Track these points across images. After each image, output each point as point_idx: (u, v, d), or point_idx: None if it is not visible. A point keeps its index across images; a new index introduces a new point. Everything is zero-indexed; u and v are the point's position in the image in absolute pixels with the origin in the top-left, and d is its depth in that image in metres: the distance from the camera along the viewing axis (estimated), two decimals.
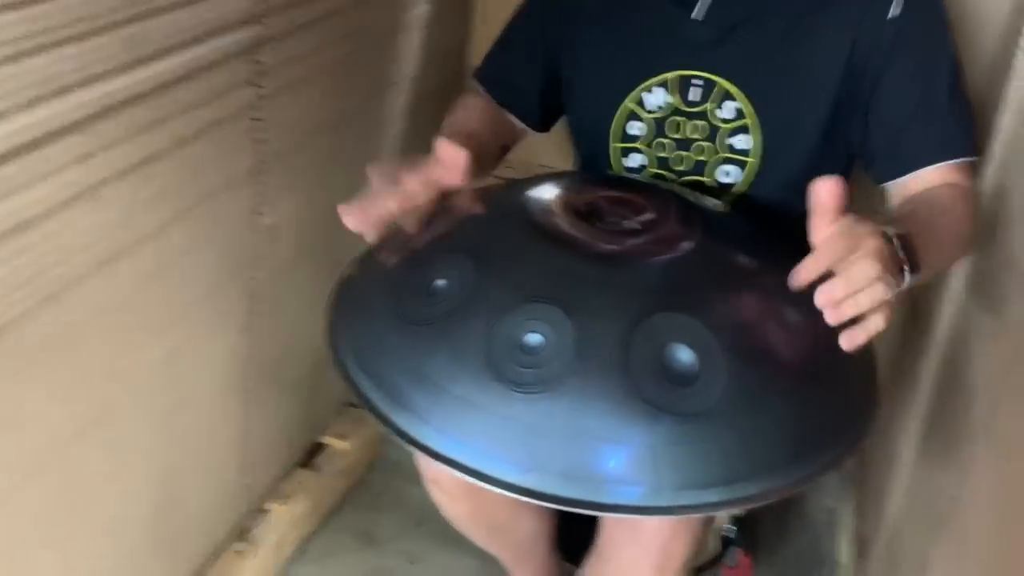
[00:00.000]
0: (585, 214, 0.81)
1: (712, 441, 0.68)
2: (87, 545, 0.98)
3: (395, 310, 0.77)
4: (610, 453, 0.67)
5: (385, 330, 0.76)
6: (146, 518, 1.07)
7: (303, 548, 1.40)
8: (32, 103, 0.73)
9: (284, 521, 1.33)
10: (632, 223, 0.81)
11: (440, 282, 0.76)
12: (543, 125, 1.14)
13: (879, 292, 0.68)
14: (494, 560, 1.26)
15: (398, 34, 1.32)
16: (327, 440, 1.47)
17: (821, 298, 0.67)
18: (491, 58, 1.14)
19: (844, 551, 1.41)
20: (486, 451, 0.68)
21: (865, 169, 1.03)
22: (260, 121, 1.04)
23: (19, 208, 0.75)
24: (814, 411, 0.74)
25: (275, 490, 1.36)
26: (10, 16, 0.68)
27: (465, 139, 0.86)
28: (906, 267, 0.75)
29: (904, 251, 0.76)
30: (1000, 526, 0.77)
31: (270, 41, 1.00)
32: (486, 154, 1.03)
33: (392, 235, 0.86)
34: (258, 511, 1.33)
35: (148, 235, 0.91)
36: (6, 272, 0.75)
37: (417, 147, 1.44)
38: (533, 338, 0.69)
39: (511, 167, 1.23)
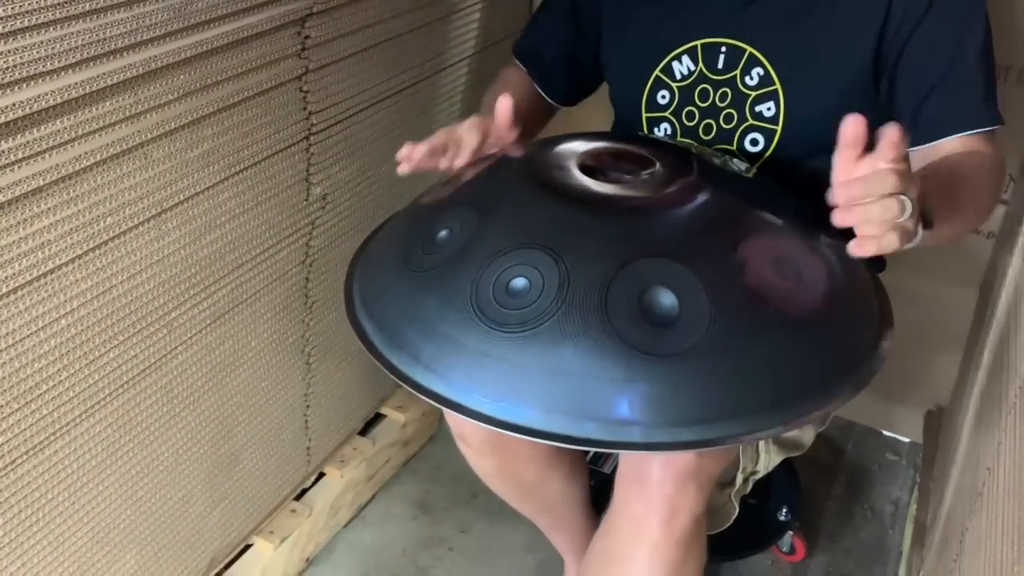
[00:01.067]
0: (590, 168, 0.83)
1: (689, 381, 0.68)
2: (148, 483, 1.06)
3: (402, 259, 0.80)
4: (586, 390, 0.68)
5: (390, 277, 0.80)
6: (204, 467, 1.14)
7: (359, 514, 1.46)
8: (82, 63, 0.80)
9: (339, 485, 1.39)
10: (636, 176, 0.82)
11: (443, 233, 0.79)
12: (567, 99, 1.16)
13: (893, 207, 0.68)
14: (541, 544, 1.28)
15: (453, 16, 1.36)
16: (386, 411, 1.53)
17: (838, 193, 0.68)
18: (525, 33, 1.18)
19: (906, 541, 1.36)
20: (466, 386, 0.70)
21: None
22: (308, 92, 1.10)
23: (70, 160, 0.82)
24: (801, 360, 0.73)
25: (333, 455, 1.42)
26: None
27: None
28: (919, 224, 0.75)
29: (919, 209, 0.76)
30: (1018, 489, 0.74)
31: (317, 15, 1.06)
32: (525, 122, 1.05)
33: (428, 191, 0.91)
34: (316, 474, 1.39)
35: (197, 193, 0.98)
36: (58, 218, 0.83)
37: None
38: (518, 282, 0.72)
39: None
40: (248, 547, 1.28)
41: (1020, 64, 1.27)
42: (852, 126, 0.70)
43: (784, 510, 1.35)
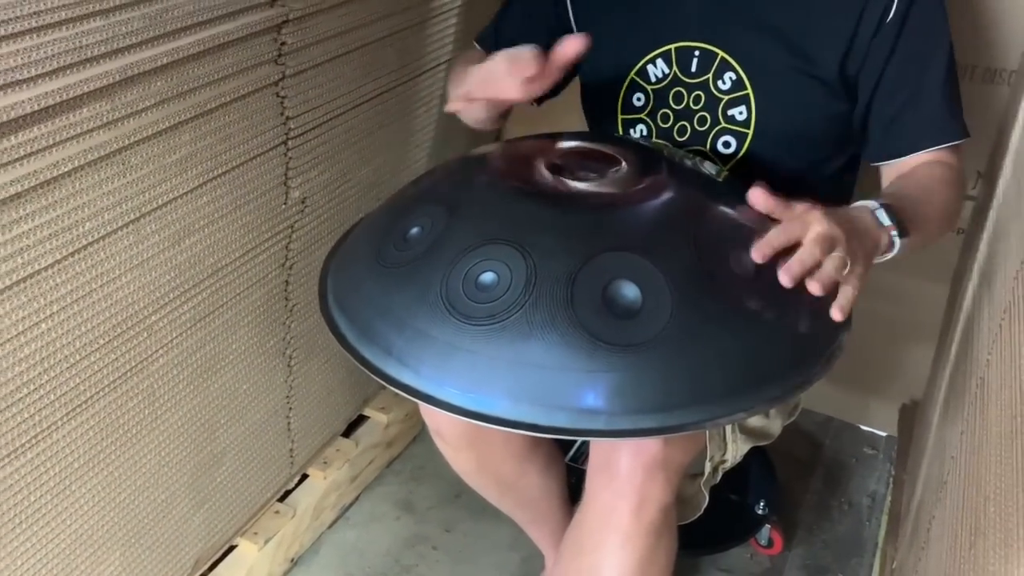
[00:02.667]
0: (558, 167, 0.85)
1: (652, 370, 0.71)
2: (131, 485, 1.07)
3: (374, 256, 0.82)
4: (553, 380, 0.70)
5: (363, 273, 0.82)
6: (187, 469, 1.15)
7: (343, 515, 1.47)
8: (58, 71, 0.82)
9: (323, 487, 1.40)
10: (602, 175, 0.84)
11: (414, 230, 0.81)
12: (552, 92, 1.17)
13: (829, 268, 0.76)
14: (525, 542, 1.30)
15: (428, 21, 1.38)
16: (369, 412, 1.54)
17: (783, 278, 0.76)
18: (494, 22, 1.19)
19: (882, 532, 1.38)
20: (437, 378, 0.72)
21: (859, 148, 1.03)
22: (285, 98, 1.11)
23: (49, 165, 0.84)
24: (759, 350, 0.75)
25: (316, 457, 1.43)
26: None
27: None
28: (894, 232, 0.84)
29: (891, 219, 0.84)
30: (975, 477, 0.76)
31: (293, 22, 1.08)
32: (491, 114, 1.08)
33: (400, 191, 0.94)
34: (299, 476, 1.40)
35: (175, 198, 1.00)
36: (37, 223, 0.84)
37: (452, 129, 1.52)
38: (487, 276, 0.74)
39: None
40: (232, 548, 1.29)
41: (983, 63, 1.30)
42: (759, 197, 0.79)
43: (762, 503, 1.37)
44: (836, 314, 0.77)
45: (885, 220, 0.85)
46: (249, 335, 1.19)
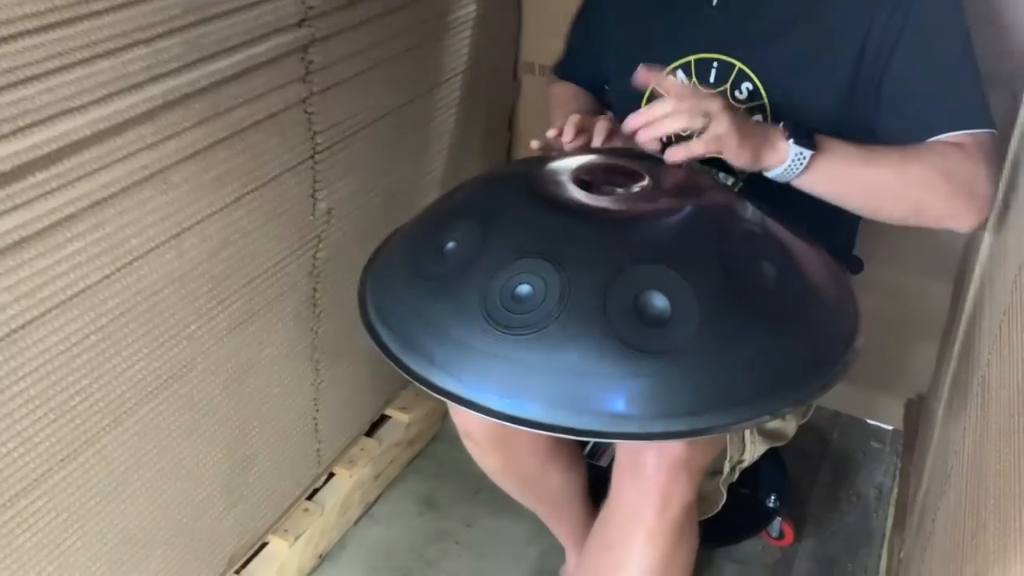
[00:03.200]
0: (585, 182, 0.89)
1: (681, 376, 0.75)
2: (171, 489, 1.12)
3: (412, 270, 0.87)
4: (587, 386, 0.75)
5: (402, 287, 0.87)
6: (222, 470, 1.20)
7: (368, 511, 1.52)
8: (106, 98, 0.87)
9: (348, 485, 1.45)
10: (628, 189, 0.89)
11: (450, 244, 0.86)
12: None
13: (673, 121, 0.90)
14: (544, 533, 1.35)
15: (446, 34, 1.42)
16: (390, 412, 1.59)
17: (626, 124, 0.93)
18: (563, 58, 1.35)
19: (890, 523, 1.43)
20: (478, 384, 0.77)
21: (877, 139, 1.07)
22: (312, 114, 1.16)
23: (97, 188, 0.88)
24: (781, 356, 0.80)
25: (342, 456, 1.48)
26: (85, 25, 0.82)
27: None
28: (790, 140, 0.94)
29: (798, 132, 0.94)
30: (978, 470, 0.81)
31: (319, 41, 1.13)
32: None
33: (431, 205, 0.99)
34: (326, 474, 1.45)
35: (212, 213, 1.04)
36: (87, 243, 0.89)
37: (469, 138, 1.56)
38: (523, 288, 0.78)
39: None
40: (264, 545, 1.34)
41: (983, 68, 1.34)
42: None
43: (772, 497, 1.42)
44: (670, 154, 0.92)
45: (788, 135, 0.94)
46: (280, 341, 1.24)
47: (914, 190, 0.98)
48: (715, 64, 1.10)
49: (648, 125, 0.91)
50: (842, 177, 0.96)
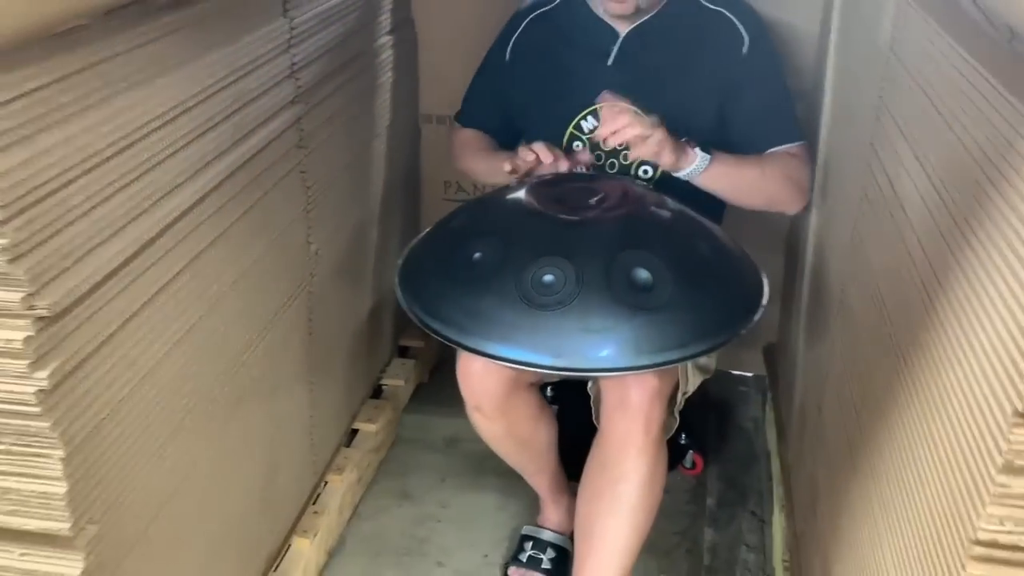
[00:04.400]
0: (561, 200, 1.22)
1: (667, 324, 1.10)
2: (220, 500, 1.32)
3: (448, 277, 1.17)
4: (604, 338, 1.08)
5: (445, 290, 1.17)
6: (259, 481, 1.41)
7: (356, 511, 1.75)
8: (174, 190, 1.07)
9: (342, 489, 1.68)
10: (592, 202, 1.23)
11: (477, 255, 1.16)
12: (511, 144, 1.56)
13: (628, 132, 1.28)
14: (510, 498, 1.66)
15: (378, 97, 1.71)
16: (358, 425, 1.83)
17: (599, 134, 1.29)
18: (467, 103, 1.62)
19: (771, 441, 1.85)
20: (523, 350, 1.09)
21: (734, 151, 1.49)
22: (305, 173, 1.41)
23: (175, 259, 1.09)
24: (724, 302, 1.17)
25: (331, 465, 1.71)
26: (167, 130, 1.04)
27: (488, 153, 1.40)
28: (694, 149, 1.34)
29: (699, 146, 1.35)
30: (842, 374, 1.21)
31: (308, 113, 1.38)
32: None
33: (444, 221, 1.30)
34: (322, 481, 1.67)
35: (239, 276, 1.26)
36: (177, 290, 1.10)
37: (397, 177, 1.85)
38: (548, 278, 1.10)
39: None
40: (289, 546, 1.54)
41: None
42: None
43: (683, 436, 1.79)
44: (631, 154, 1.32)
45: (695, 146, 1.36)
46: (290, 363, 1.47)
47: (770, 186, 1.41)
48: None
49: (616, 132, 1.26)
50: (727, 176, 1.35)
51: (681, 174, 1.35)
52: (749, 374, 2.14)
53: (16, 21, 0.76)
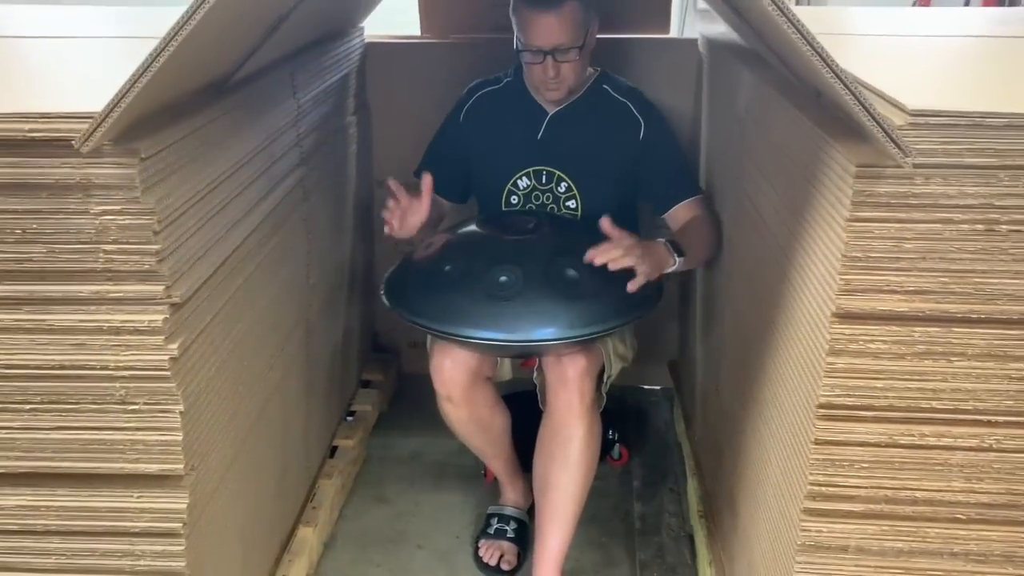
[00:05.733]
0: (505, 227, 1.64)
1: (594, 306, 1.53)
2: (256, 479, 1.61)
3: (428, 284, 1.57)
4: (547, 319, 1.50)
5: (425, 293, 1.56)
6: (274, 477, 1.71)
7: (341, 513, 2.05)
8: (235, 225, 1.43)
9: (331, 491, 1.98)
10: (529, 227, 1.65)
11: (448, 267, 1.55)
12: (462, 199, 1.95)
13: (625, 261, 1.56)
14: (469, 495, 2.02)
15: (350, 162, 2.09)
16: (338, 442, 2.14)
17: (597, 260, 1.56)
18: (425, 161, 1.96)
19: (680, 432, 2.26)
20: (487, 331, 1.51)
21: (650, 207, 1.92)
22: (307, 220, 1.77)
23: (236, 276, 1.43)
24: (628, 299, 1.58)
25: (321, 471, 2.01)
26: (229, 181, 1.40)
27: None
28: (675, 255, 1.68)
29: (673, 248, 1.69)
30: (732, 353, 1.63)
31: (308, 174, 1.75)
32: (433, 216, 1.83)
33: (413, 254, 1.67)
34: (315, 484, 1.97)
35: (270, 285, 1.61)
36: (231, 307, 1.43)
37: (361, 224, 2.20)
38: (503, 278, 1.52)
39: None
40: (294, 535, 1.83)
41: None
42: (606, 226, 1.59)
43: (611, 431, 2.18)
44: (631, 287, 1.57)
45: (671, 249, 1.70)
46: (295, 377, 1.79)
47: (713, 243, 1.82)
48: (544, 172, 1.88)
49: (609, 260, 1.55)
50: (692, 259, 1.75)
51: (668, 271, 1.71)
52: (658, 387, 2.56)
53: (161, 97, 1.12)
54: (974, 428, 1.12)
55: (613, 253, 1.54)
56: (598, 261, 1.54)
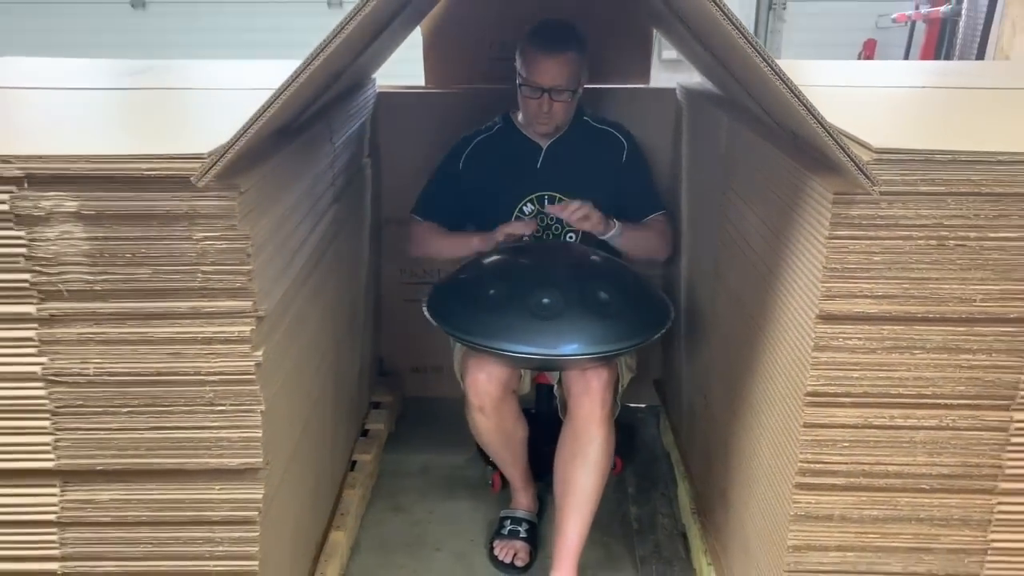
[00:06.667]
0: (530, 257, 1.86)
1: (623, 325, 1.73)
2: (301, 486, 1.78)
3: (473, 306, 1.76)
4: (578, 335, 1.69)
5: (473, 314, 1.75)
6: (312, 485, 1.88)
7: (362, 523, 2.21)
8: (295, 256, 1.63)
9: (355, 500, 2.15)
10: (556, 254, 1.87)
11: (491, 291, 1.76)
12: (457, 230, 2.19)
13: (579, 212, 1.91)
14: (479, 503, 2.20)
15: (364, 201, 2.29)
16: (356, 456, 2.31)
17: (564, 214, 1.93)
18: (425, 201, 2.21)
19: (669, 442, 2.47)
20: (533, 346, 1.69)
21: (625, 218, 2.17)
22: (338, 254, 1.96)
23: (298, 300, 1.63)
24: (650, 310, 1.80)
25: (344, 483, 2.18)
26: (294, 215, 1.60)
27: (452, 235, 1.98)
28: (614, 221, 1.98)
29: (616, 219, 1.99)
30: (720, 366, 1.86)
31: (340, 210, 1.95)
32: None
33: (457, 272, 1.88)
34: (340, 494, 2.14)
35: (313, 312, 1.80)
36: (291, 324, 1.62)
37: (376, 263, 2.41)
38: (546, 300, 1.72)
39: None
40: (327, 538, 1.99)
41: None
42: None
43: None
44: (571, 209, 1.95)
45: (613, 219, 2.01)
46: (325, 397, 1.97)
47: (653, 242, 2.11)
48: (546, 196, 2.12)
49: (572, 212, 1.93)
50: (632, 239, 2.02)
51: (605, 236, 2.01)
52: (644, 405, 2.78)
53: (252, 142, 1.32)
54: (934, 411, 1.35)
55: (572, 207, 1.99)
56: (564, 215, 1.98)
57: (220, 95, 1.87)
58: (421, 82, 2.62)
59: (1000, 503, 1.38)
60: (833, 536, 1.42)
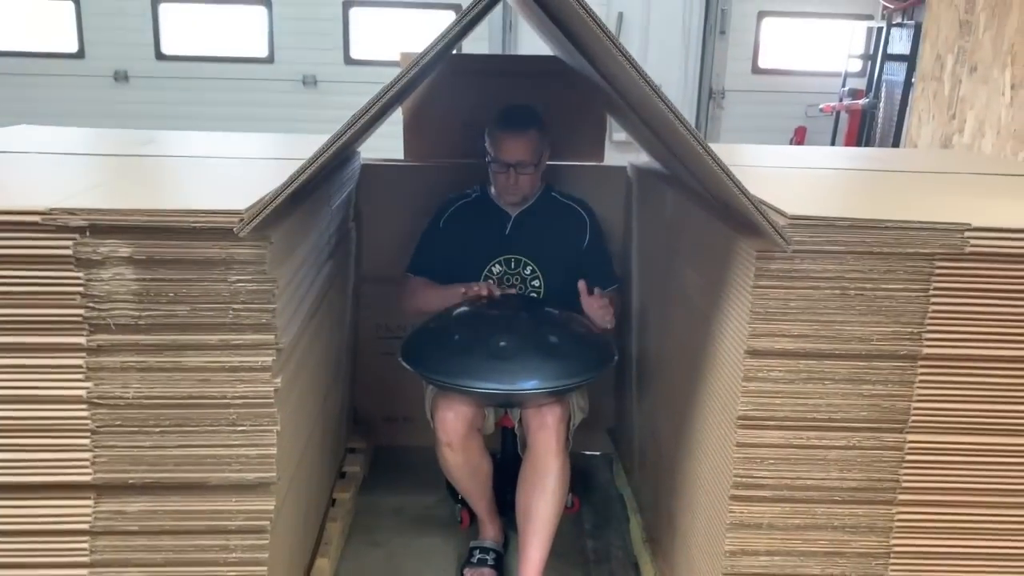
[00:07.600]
0: (495, 307, 2.12)
1: (572, 363, 2.00)
2: (295, 509, 1.98)
3: (443, 350, 2.00)
4: (533, 373, 1.96)
5: (440, 357, 2.00)
6: (302, 512, 2.07)
7: (341, 554, 2.40)
8: (303, 298, 1.87)
9: (337, 532, 2.34)
10: (515, 306, 2.14)
11: (456, 336, 2.01)
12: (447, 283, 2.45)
13: (609, 320, 2.16)
14: (450, 539, 2.41)
15: (349, 259, 2.55)
16: (336, 495, 2.51)
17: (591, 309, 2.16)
18: (416, 259, 2.46)
19: (622, 483, 2.71)
20: (493, 382, 1.95)
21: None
22: (331, 304, 2.21)
23: (303, 336, 1.86)
24: (595, 352, 2.08)
25: (327, 516, 2.37)
26: (308, 262, 1.85)
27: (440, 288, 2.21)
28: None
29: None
30: (668, 406, 2.13)
31: (333, 266, 2.20)
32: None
33: (427, 322, 2.13)
34: (323, 526, 2.33)
35: (314, 350, 2.03)
36: (298, 356, 1.85)
37: (355, 319, 2.64)
38: (502, 344, 1.97)
39: None
40: (313, 565, 2.17)
41: None
42: (583, 286, 2.20)
43: None
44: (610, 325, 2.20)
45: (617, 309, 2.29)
46: (317, 438, 2.18)
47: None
48: (512, 259, 2.40)
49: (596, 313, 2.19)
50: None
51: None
52: (598, 452, 3.02)
53: (276, 205, 1.58)
54: (842, 432, 1.62)
55: (606, 308, 2.19)
56: (590, 310, 2.20)
57: (223, 163, 2.13)
58: (396, 155, 2.91)
59: (899, 512, 1.65)
60: (763, 542, 1.67)
